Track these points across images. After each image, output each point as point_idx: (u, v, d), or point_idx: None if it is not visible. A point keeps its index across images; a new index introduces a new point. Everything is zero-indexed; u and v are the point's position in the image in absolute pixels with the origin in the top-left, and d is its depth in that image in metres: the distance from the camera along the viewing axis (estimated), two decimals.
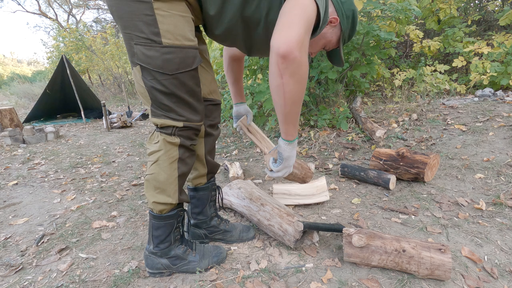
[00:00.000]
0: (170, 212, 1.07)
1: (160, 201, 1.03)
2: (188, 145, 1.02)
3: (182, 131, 0.98)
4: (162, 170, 1.00)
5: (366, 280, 1.07)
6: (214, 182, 1.32)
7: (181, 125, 0.96)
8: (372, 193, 1.81)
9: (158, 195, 1.03)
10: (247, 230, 1.39)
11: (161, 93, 0.90)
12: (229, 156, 2.91)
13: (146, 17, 0.82)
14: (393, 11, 2.64)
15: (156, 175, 1.00)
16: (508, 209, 1.47)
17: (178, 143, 0.98)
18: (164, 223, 1.08)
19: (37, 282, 1.17)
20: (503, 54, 3.46)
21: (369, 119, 2.86)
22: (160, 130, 0.98)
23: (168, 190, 1.03)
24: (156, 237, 1.10)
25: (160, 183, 1.01)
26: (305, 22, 0.76)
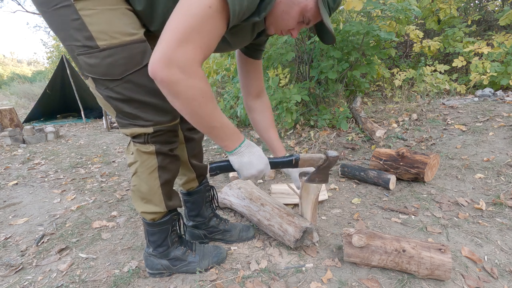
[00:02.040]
0: (163, 218, 1.05)
1: (148, 211, 1.00)
2: (166, 151, 0.93)
3: (156, 137, 0.89)
4: (142, 181, 0.94)
5: (366, 280, 1.07)
6: (207, 183, 1.29)
7: (151, 130, 0.86)
8: (372, 193, 1.81)
9: (145, 205, 0.99)
10: (247, 229, 1.38)
11: (119, 101, 0.81)
12: None
13: (75, 22, 0.72)
14: (393, 11, 2.64)
15: (138, 187, 0.96)
16: (508, 209, 1.47)
17: (154, 151, 0.90)
18: (158, 229, 1.07)
19: (37, 282, 1.17)
20: (503, 54, 3.46)
21: (369, 119, 2.86)
22: (134, 140, 0.90)
23: (153, 200, 0.98)
24: (152, 242, 1.10)
25: (144, 194, 0.97)
26: (183, 22, 0.64)
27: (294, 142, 2.91)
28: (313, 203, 1.28)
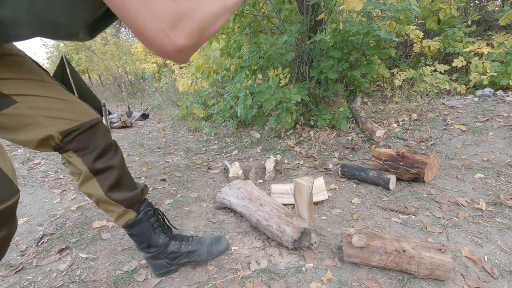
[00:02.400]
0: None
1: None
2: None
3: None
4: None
5: (366, 280, 1.07)
6: (148, 207, 1.05)
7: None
8: (372, 193, 1.81)
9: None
10: (217, 241, 1.19)
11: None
12: (229, 156, 2.91)
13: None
14: (393, 11, 2.64)
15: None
16: (508, 209, 1.47)
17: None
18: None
19: (37, 282, 1.17)
20: (503, 54, 3.46)
21: (369, 119, 2.86)
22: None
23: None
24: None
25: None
26: None
27: (294, 142, 2.91)
28: (307, 203, 1.28)
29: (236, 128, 3.79)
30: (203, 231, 1.49)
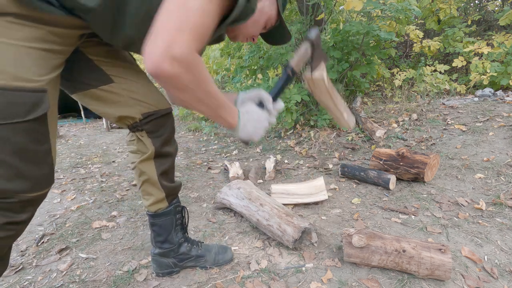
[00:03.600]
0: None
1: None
2: (2, 223, 0.67)
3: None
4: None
5: (366, 280, 1.07)
6: (178, 203, 1.11)
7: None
8: (372, 193, 1.81)
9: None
10: (224, 251, 1.24)
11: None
12: (229, 156, 2.91)
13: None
14: (393, 11, 2.64)
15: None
16: (508, 209, 1.47)
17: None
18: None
19: (37, 282, 1.17)
20: (503, 54, 3.46)
21: (369, 119, 2.86)
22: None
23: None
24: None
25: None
26: (183, 14, 0.58)
27: (294, 142, 2.91)
28: (331, 94, 1.00)
29: None
30: (203, 231, 1.49)
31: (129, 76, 0.89)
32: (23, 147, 0.63)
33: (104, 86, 0.86)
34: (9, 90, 0.59)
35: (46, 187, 0.72)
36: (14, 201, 0.67)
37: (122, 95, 0.88)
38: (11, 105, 0.59)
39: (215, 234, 1.46)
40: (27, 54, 0.61)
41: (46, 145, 0.68)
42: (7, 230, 0.69)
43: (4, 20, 0.57)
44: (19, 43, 0.59)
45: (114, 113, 0.90)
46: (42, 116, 0.64)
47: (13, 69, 0.59)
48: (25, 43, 0.60)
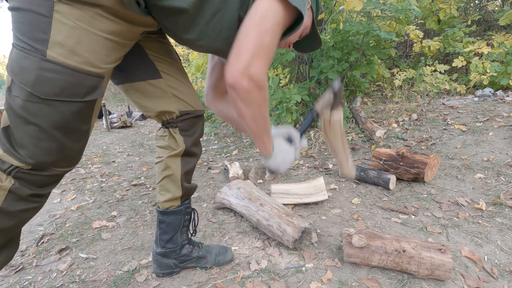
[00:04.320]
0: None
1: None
2: (25, 195, 0.71)
3: (28, 174, 0.70)
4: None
5: (366, 280, 1.07)
6: (189, 204, 1.13)
7: (27, 167, 0.69)
8: (372, 193, 1.81)
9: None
10: (224, 252, 1.25)
11: (19, 119, 0.65)
12: (229, 156, 2.91)
13: (38, 16, 0.60)
14: (393, 11, 2.64)
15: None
16: (508, 209, 1.47)
17: (6, 188, 0.69)
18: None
19: (37, 282, 1.17)
20: (503, 54, 3.46)
21: (369, 119, 2.86)
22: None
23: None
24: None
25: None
26: (259, 38, 0.69)
27: None
28: (343, 138, 1.09)
29: (236, 128, 3.79)
30: (203, 231, 1.49)
31: (174, 74, 0.96)
32: (72, 125, 0.70)
33: (152, 80, 0.92)
34: (78, 72, 0.65)
35: (74, 164, 0.77)
36: (46, 174, 0.72)
37: (166, 91, 0.94)
38: (75, 85, 0.66)
39: (215, 234, 1.46)
40: (102, 44, 0.68)
41: (88, 125, 0.75)
42: (32, 202, 0.74)
43: (94, 11, 0.64)
44: (99, 33, 0.66)
45: (155, 108, 0.95)
46: (95, 100, 0.71)
47: (87, 54, 0.66)
48: (103, 34, 0.67)
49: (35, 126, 0.66)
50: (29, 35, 0.61)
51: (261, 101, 0.76)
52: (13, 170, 0.69)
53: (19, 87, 0.64)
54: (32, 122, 0.65)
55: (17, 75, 0.63)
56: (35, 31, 0.61)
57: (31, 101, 0.64)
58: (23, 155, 0.68)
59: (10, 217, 0.72)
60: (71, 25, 0.62)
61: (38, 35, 0.61)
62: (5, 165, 0.68)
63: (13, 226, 0.73)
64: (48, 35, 0.61)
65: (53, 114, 0.66)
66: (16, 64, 0.63)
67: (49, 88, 0.63)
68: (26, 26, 0.61)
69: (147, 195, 2.01)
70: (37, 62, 0.62)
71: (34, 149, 0.68)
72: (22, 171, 0.69)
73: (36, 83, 0.62)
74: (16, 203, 0.71)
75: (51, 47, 0.62)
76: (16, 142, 0.67)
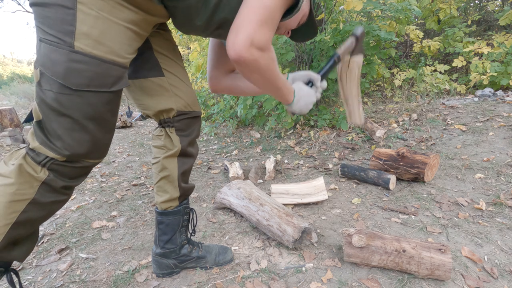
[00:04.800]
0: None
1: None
2: (58, 187, 0.74)
3: (61, 165, 0.72)
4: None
5: (366, 280, 1.07)
6: (187, 204, 1.13)
7: (62, 158, 0.71)
8: (372, 193, 1.81)
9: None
10: (224, 252, 1.24)
11: (52, 111, 0.67)
12: (229, 156, 2.91)
13: (62, 9, 0.62)
14: (393, 11, 2.64)
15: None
16: (508, 209, 1.47)
17: (41, 179, 0.71)
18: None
19: (37, 282, 1.17)
20: (503, 54, 3.46)
21: (369, 119, 2.86)
22: (28, 152, 0.71)
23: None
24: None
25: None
26: (261, 9, 0.69)
27: (294, 142, 2.91)
28: (358, 83, 1.14)
29: (236, 128, 3.79)
30: (203, 231, 1.49)
31: (177, 73, 0.96)
32: (102, 116, 0.72)
33: (154, 78, 0.92)
34: (105, 62, 0.67)
35: (103, 156, 0.80)
36: (78, 166, 0.75)
37: (167, 90, 0.94)
38: (103, 76, 0.68)
39: (215, 234, 1.46)
40: (124, 33, 0.70)
41: (115, 117, 0.78)
42: (63, 194, 0.77)
43: (114, 0, 0.66)
44: (120, 22, 0.69)
45: (155, 106, 0.95)
46: (120, 90, 0.74)
47: (112, 44, 0.68)
48: (124, 23, 0.69)
49: (69, 118, 0.68)
50: (57, 28, 0.63)
51: (270, 62, 0.77)
52: (48, 162, 0.71)
53: (51, 80, 0.65)
54: (65, 113, 0.67)
55: (48, 68, 0.64)
56: (62, 23, 0.63)
57: (63, 93, 0.66)
58: (59, 146, 0.70)
59: (41, 209, 0.74)
60: (94, 15, 0.64)
61: (65, 27, 0.63)
62: (40, 157, 0.71)
63: (41, 218, 0.75)
64: (74, 26, 0.63)
65: (84, 105, 0.68)
66: (46, 58, 0.64)
67: (79, 79, 0.65)
68: (52, 19, 0.63)
69: (147, 195, 2.01)
70: (66, 54, 0.64)
71: (69, 140, 0.70)
72: (57, 162, 0.72)
73: (67, 74, 0.64)
74: (48, 195, 0.74)
75: (78, 38, 0.64)
76: (51, 134, 0.69)
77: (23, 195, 0.71)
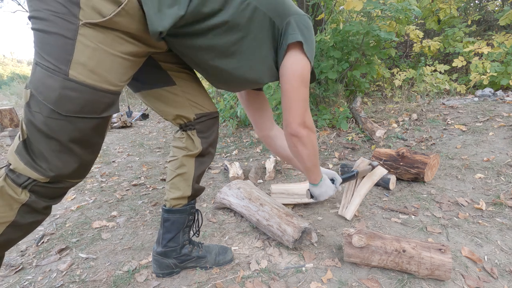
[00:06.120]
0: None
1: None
2: (40, 207, 0.74)
3: (42, 187, 0.72)
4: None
5: (366, 280, 1.07)
6: (194, 205, 1.14)
7: (45, 180, 0.71)
8: (372, 193, 1.81)
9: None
10: (224, 252, 1.24)
11: (41, 134, 0.68)
12: (229, 156, 2.91)
13: (63, 39, 0.64)
14: (393, 11, 2.64)
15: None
16: (508, 209, 1.47)
17: (22, 202, 0.71)
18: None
19: (37, 282, 1.17)
20: (503, 54, 3.46)
21: (369, 119, 2.86)
22: (8, 172, 0.71)
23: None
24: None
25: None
26: (304, 97, 0.92)
27: None
28: (372, 184, 1.53)
29: (236, 128, 3.79)
30: (203, 231, 1.49)
31: (187, 80, 1.01)
32: (88, 139, 0.74)
33: (167, 87, 0.98)
34: (97, 90, 0.69)
35: (84, 176, 0.81)
36: (59, 187, 0.76)
37: (180, 96, 0.99)
38: (94, 103, 0.70)
39: (215, 234, 1.46)
40: (120, 63, 0.72)
41: (102, 139, 0.79)
42: (43, 214, 0.77)
43: (116, 34, 0.69)
44: (118, 54, 0.71)
45: (172, 112, 1.00)
46: (110, 116, 0.76)
47: (106, 74, 0.70)
48: (122, 55, 0.72)
49: (56, 141, 0.69)
50: (55, 56, 0.65)
51: (315, 142, 1.01)
52: (30, 184, 0.71)
53: (41, 104, 0.66)
54: (53, 137, 0.68)
55: (41, 93, 0.66)
56: (60, 52, 0.65)
57: (52, 118, 0.67)
58: (45, 168, 0.70)
59: (19, 230, 0.75)
60: (93, 47, 0.66)
61: (63, 56, 0.65)
62: (21, 178, 0.71)
63: (17, 239, 0.76)
64: (71, 55, 0.65)
65: (73, 130, 0.70)
66: (40, 83, 0.66)
67: (70, 105, 0.67)
68: (51, 47, 0.65)
69: (147, 195, 2.01)
70: (60, 81, 0.65)
71: (55, 162, 0.71)
72: (39, 184, 0.72)
73: (59, 101, 0.66)
74: (27, 216, 0.74)
75: (73, 67, 0.65)
76: (36, 155, 0.70)
77: (2, 218, 0.70)
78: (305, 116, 0.94)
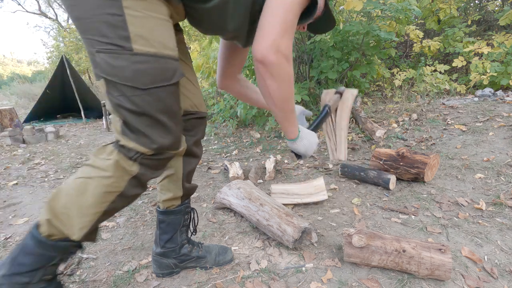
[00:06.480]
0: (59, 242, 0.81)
1: (52, 226, 0.77)
2: (145, 180, 0.82)
3: (149, 159, 0.78)
4: (90, 196, 0.76)
5: (366, 280, 1.07)
6: (189, 204, 1.14)
7: (150, 152, 0.77)
8: (372, 193, 1.81)
9: (57, 219, 0.77)
10: (224, 252, 1.24)
11: (131, 113, 0.72)
12: (229, 156, 2.91)
13: (112, 17, 0.65)
14: (393, 11, 2.64)
15: (78, 196, 0.76)
16: (508, 209, 1.47)
17: (133, 173, 0.78)
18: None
19: None
20: (503, 54, 3.46)
21: (369, 119, 2.86)
22: (120, 148, 0.76)
23: (75, 220, 0.77)
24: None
25: (73, 205, 0.76)
26: (284, 16, 0.73)
27: None
28: (349, 110, 1.21)
29: (236, 128, 3.79)
30: (203, 231, 1.49)
31: (186, 73, 0.97)
32: (171, 107, 0.77)
33: None
34: (161, 57, 0.71)
35: (181, 146, 0.85)
36: (162, 158, 0.80)
37: None
38: (162, 70, 0.72)
39: (215, 234, 1.46)
40: (167, 26, 0.74)
41: (180, 108, 0.82)
42: (144, 188, 0.83)
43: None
44: (162, 16, 0.72)
45: None
46: (178, 81, 0.77)
47: (162, 39, 0.71)
48: (165, 17, 0.73)
49: (146, 116, 0.73)
50: (112, 35, 0.66)
51: (290, 74, 0.79)
52: (139, 157, 0.76)
53: (120, 86, 0.70)
54: (142, 113, 0.72)
55: (116, 75, 0.68)
56: (116, 30, 0.66)
57: (135, 95, 0.70)
58: (147, 141, 0.75)
59: (124, 201, 0.81)
60: (141, 15, 0.68)
61: (120, 34, 0.66)
62: (131, 152, 0.76)
63: (119, 209, 0.82)
64: (127, 31, 0.67)
65: (156, 101, 0.73)
66: (110, 67, 0.68)
67: (145, 78, 0.70)
68: (104, 29, 0.66)
69: (147, 195, 2.01)
70: (128, 58, 0.68)
71: (153, 135, 0.75)
72: (145, 157, 0.77)
73: (135, 76, 0.69)
74: (133, 189, 0.80)
75: (134, 41, 0.67)
76: (136, 132, 0.75)
77: (115, 188, 0.77)
78: (282, 38, 0.72)
